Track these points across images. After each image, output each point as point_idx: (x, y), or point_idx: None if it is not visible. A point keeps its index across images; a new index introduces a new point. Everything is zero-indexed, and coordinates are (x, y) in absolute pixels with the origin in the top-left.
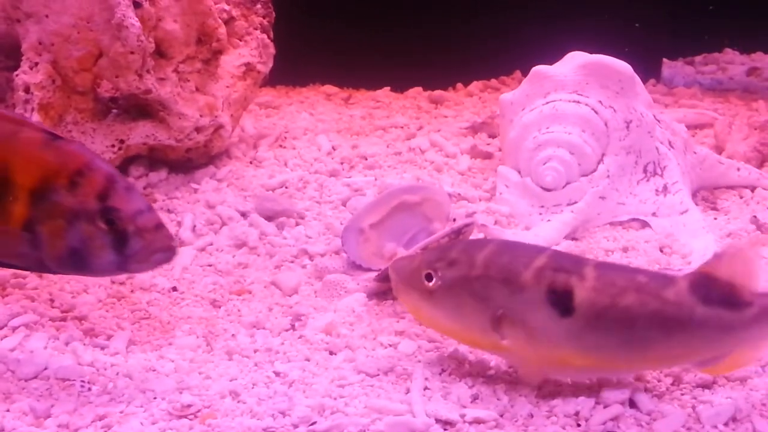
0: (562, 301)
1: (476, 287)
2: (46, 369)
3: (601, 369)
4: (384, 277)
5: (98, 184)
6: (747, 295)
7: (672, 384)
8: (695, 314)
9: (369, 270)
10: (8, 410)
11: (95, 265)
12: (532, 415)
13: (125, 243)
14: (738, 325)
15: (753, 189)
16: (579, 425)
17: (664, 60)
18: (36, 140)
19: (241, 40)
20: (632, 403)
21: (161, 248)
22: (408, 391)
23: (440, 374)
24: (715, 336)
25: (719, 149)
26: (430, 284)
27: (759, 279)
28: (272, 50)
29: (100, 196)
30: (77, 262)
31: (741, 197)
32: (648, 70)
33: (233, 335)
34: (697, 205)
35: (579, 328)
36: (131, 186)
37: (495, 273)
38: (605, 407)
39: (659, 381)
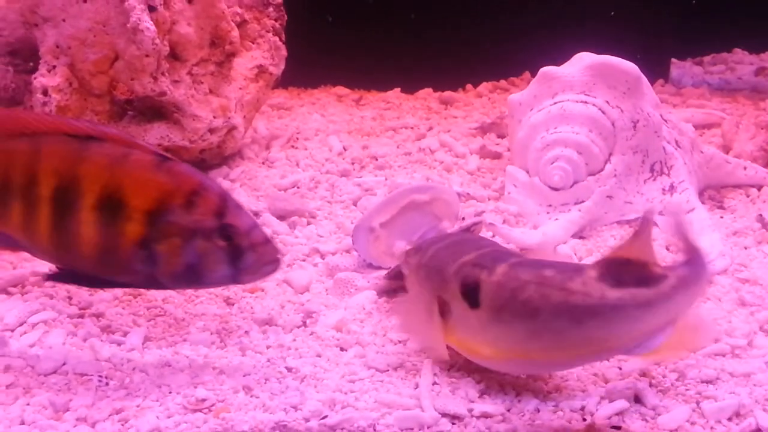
0: (471, 294)
1: (421, 275)
2: (64, 364)
3: (514, 360)
4: (394, 275)
5: (213, 203)
6: (659, 269)
7: (677, 380)
8: (607, 298)
9: (379, 268)
10: (28, 404)
11: (209, 278)
12: (538, 410)
13: (240, 257)
14: (656, 299)
15: (760, 188)
16: (585, 419)
17: (673, 60)
18: (147, 162)
19: (253, 43)
20: (637, 399)
21: (271, 260)
22: (417, 386)
23: (449, 370)
24: (636, 315)
25: (726, 149)
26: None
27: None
28: (284, 52)
29: (217, 215)
30: (192, 276)
31: (748, 196)
32: (656, 71)
33: (246, 332)
34: (704, 203)
35: (485, 320)
36: (239, 204)
37: (433, 264)
38: (610, 402)
39: (664, 377)
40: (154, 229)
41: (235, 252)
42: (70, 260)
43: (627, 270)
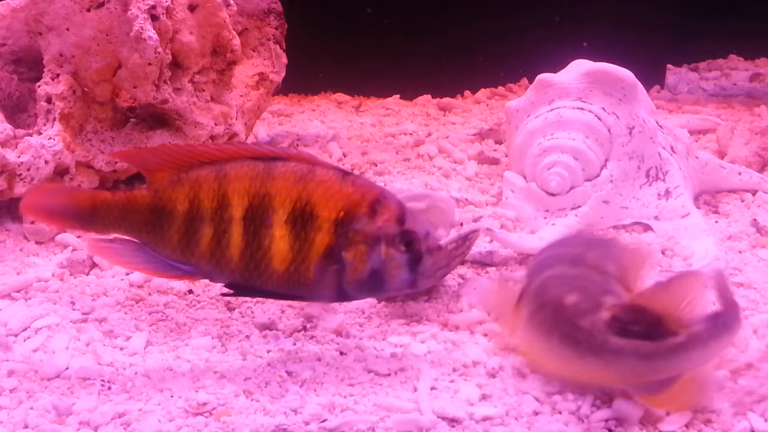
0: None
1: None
2: (67, 369)
3: (539, 364)
4: None
5: (395, 211)
6: (674, 325)
7: None
8: (608, 344)
9: None
10: (32, 408)
11: (391, 284)
12: (536, 413)
13: (419, 262)
14: (658, 353)
15: (754, 193)
16: (582, 421)
17: (669, 66)
18: (332, 176)
19: (254, 51)
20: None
21: (445, 264)
22: (416, 389)
23: (450, 374)
24: (635, 365)
25: (722, 154)
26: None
27: (704, 305)
28: (285, 60)
29: (399, 221)
30: (376, 283)
31: (742, 201)
32: (653, 77)
33: (247, 336)
34: (699, 208)
35: (523, 323)
36: (415, 212)
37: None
38: (609, 406)
39: None
40: (342, 237)
41: (415, 257)
42: (259, 278)
43: (639, 319)
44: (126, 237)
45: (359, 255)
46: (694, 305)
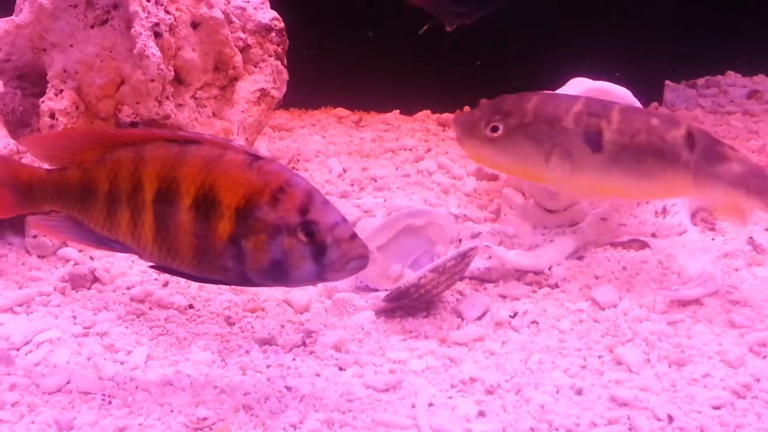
0: (594, 140)
1: (530, 132)
2: (68, 383)
3: (621, 195)
4: (393, 298)
5: (298, 199)
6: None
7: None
8: (681, 156)
9: (375, 290)
10: (33, 422)
11: (295, 275)
12: (533, 430)
13: (324, 254)
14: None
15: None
16: None
17: (667, 83)
18: (239, 162)
19: (256, 67)
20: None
21: (356, 257)
22: (413, 406)
23: (448, 390)
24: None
25: None
26: (495, 134)
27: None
28: (286, 76)
29: (301, 211)
30: (278, 273)
31: None
32: (651, 94)
33: (247, 351)
34: (696, 225)
35: (607, 161)
36: (327, 200)
37: (543, 119)
38: (606, 424)
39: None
40: (242, 225)
41: (319, 248)
42: (172, 261)
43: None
44: (62, 213)
45: (259, 244)
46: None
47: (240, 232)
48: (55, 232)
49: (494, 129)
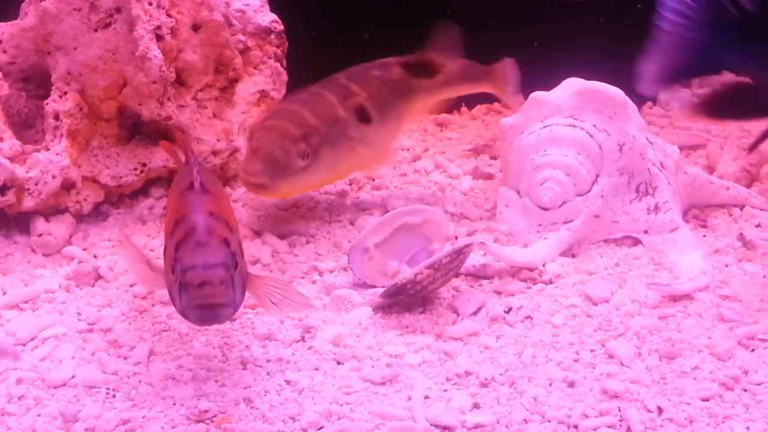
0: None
1: (330, 139)
2: (73, 377)
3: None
4: (390, 294)
5: (178, 234)
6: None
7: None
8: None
9: (373, 286)
10: (39, 415)
11: (178, 308)
12: (526, 421)
13: (181, 293)
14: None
15: (742, 207)
16: (570, 429)
17: None
18: (179, 189)
19: (256, 69)
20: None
21: (197, 306)
22: (410, 398)
23: (443, 383)
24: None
25: (711, 169)
26: (307, 160)
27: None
28: (285, 78)
29: (176, 246)
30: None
31: (730, 215)
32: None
33: (247, 346)
34: (688, 222)
35: (377, 127)
36: (203, 242)
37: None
38: (598, 416)
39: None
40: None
41: (179, 287)
42: None
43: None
44: None
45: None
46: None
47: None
48: None
49: (305, 156)
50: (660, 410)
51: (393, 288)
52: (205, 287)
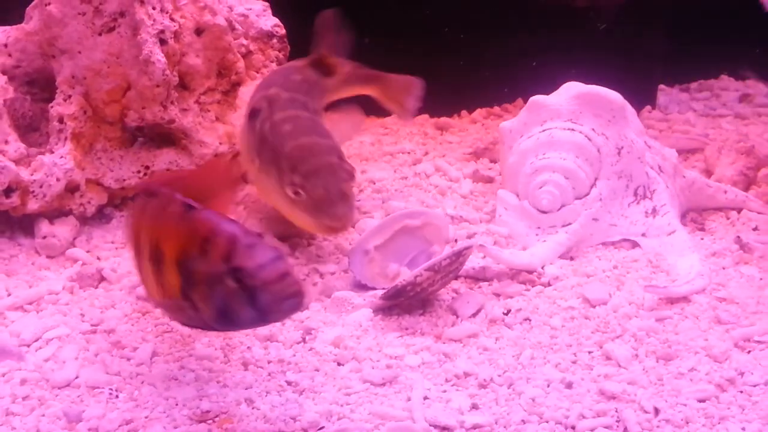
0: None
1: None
2: (77, 377)
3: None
4: (390, 296)
5: (223, 247)
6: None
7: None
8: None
9: (374, 288)
10: (43, 415)
11: (241, 321)
12: (524, 422)
13: (255, 298)
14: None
15: (739, 210)
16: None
17: (661, 87)
18: (175, 213)
19: (258, 73)
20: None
21: (287, 296)
22: (409, 399)
23: (442, 384)
24: None
25: (709, 173)
26: (301, 196)
27: None
28: None
29: (226, 258)
30: (227, 320)
31: (728, 218)
32: (644, 97)
33: (249, 347)
34: (686, 225)
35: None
36: (255, 243)
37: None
38: (595, 416)
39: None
40: (186, 277)
41: (250, 293)
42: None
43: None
44: None
45: (203, 295)
46: None
47: (186, 285)
48: None
49: (298, 193)
50: (657, 411)
51: (393, 290)
52: (285, 278)
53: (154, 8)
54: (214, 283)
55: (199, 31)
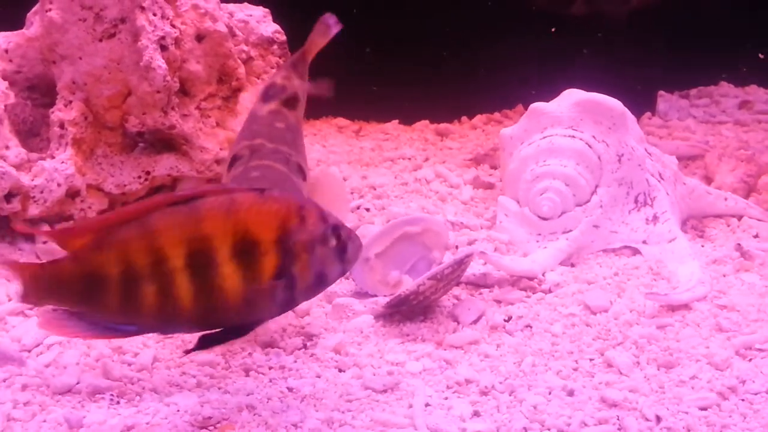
0: None
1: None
2: (78, 383)
3: None
4: (393, 305)
5: (315, 211)
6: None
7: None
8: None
9: (374, 296)
10: (44, 421)
11: (330, 279)
12: (526, 429)
13: (346, 250)
14: None
15: (739, 218)
16: None
17: (661, 93)
18: (253, 200)
19: (258, 79)
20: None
21: (360, 245)
22: (410, 406)
23: (444, 391)
24: None
25: (709, 180)
26: None
27: None
28: None
29: (323, 219)
30: (320, 283)
31: (728, 226)
32: (644, 104)
33: (250, 353)
34: (686, 233)
35: None
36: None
37: None
38: (596, 424)
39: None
40: (287, 253)
41: (343, 246)
42: (216, 320)
43: None
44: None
45: (304, 264)
46: None
47: (286, 261)
48: (60, 327)
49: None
50: (658, 419)
51: (396, 299)
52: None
53: (155, 14)
54: (317, 246)
55: (199, 38)
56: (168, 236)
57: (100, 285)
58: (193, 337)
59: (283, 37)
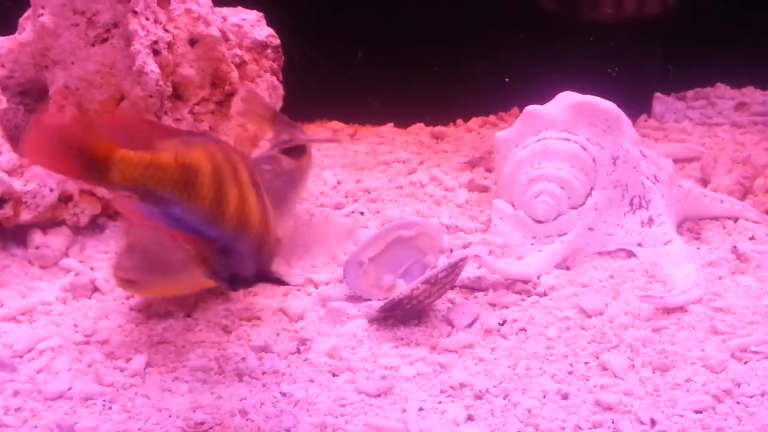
0: None
1: None
2: (70, 389)
3: None
4: (387, 309)
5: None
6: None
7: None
8: None
9: (369, 300)
10: (36, 426)
11: None
12: None
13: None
14: None
15: (736, 220)
16: None
17: (657, 95)
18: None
19: (252, 83)
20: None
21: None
22: (404, 410)
23: (438, 396)
24: None
25: (705, 182)
26: None
27: None
28: (281, 91)
29: None
30: None
31: (724, 228)
32: (640, 106)
33: (243, 358)
34: (682, 235)
35: None
36: None
37: None
38: (591, 428)
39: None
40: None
41: None
42: (269, 245)
43: None
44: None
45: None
46: None
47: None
48: (144, 218)
49: None
50: (653, 422)
51: (390, 303)
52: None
53: (147, 19)
54: None
55: (192, 42)
56: (229, 152)
57: (196, 176)
58: (186, 344)
59: (277, 41)
